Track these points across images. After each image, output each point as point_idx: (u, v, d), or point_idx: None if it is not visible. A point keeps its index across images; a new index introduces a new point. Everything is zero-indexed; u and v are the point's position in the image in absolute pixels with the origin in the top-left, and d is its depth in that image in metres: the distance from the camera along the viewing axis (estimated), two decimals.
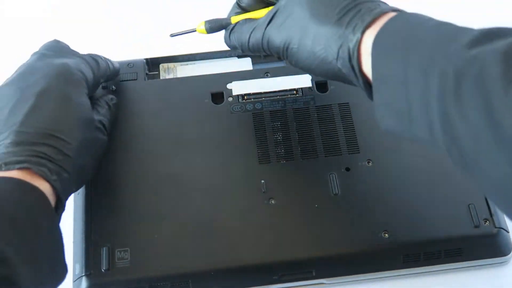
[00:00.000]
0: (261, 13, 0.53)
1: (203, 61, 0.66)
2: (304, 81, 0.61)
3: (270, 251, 0.53)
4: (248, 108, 0.60)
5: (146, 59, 0.64)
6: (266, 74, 0.62)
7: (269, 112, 0.60)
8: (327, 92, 0.61)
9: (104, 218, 0.54)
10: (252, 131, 0.59)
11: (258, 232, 0.54)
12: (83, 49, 0.69)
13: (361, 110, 0.59)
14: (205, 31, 0.57)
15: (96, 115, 0.54)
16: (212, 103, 0.60)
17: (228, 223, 0.54)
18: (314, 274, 0.53)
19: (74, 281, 0.53)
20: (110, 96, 0.58)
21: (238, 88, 0.61)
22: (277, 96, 0.61)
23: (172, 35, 0.59)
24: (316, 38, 0.48)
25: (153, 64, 0.65)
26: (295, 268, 0.53)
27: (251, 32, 0.53)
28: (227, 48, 0.66)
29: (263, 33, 0.51)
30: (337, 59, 0.47)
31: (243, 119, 0.59)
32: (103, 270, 0.52)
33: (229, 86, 0.61)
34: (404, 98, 0.42)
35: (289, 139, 0.58)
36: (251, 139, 0.58)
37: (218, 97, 0.61)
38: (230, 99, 0.60)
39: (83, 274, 0.52)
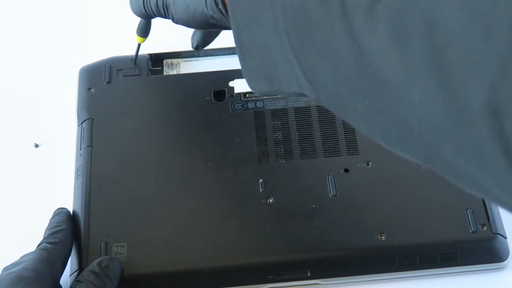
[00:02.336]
0: None
1: (207, 57, 0.66)
2: None
3: (266, 250, 0.53)
4: (249, 106, 0.60)
5: (150, 55, 0.64)
6: None
7: (270, 111, 0.60)
8: None
9: (102, 213, 0.55)
10: (252, 130, 0.59)
11: (254, 231, 0.54)
12: (84, 46, 0.69)
13: None
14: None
15: None
16: (214, 100, 0.60)
17: (225, 221, 0.54)
18: (309, 274, 0.53)
19: (70, 275, 0.53)
20: None
21: (240, 86, 0.61)
22: (279, 95, 0.61)
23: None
24: None
25: (156, 59, 0.65)
26: (291, 268, 0.53)
27: None
28: (232, 45, 0.66)
29: None
30: (206, 5, 0.48)
31: (244, 117, 0.59)
32: None
33: (231, 83, 0.61)
34: (270, 61, 0.42)
35: (289, 138, 0.58)
36: (251, 137, 0.58)
37: (219, 94, 0.61)
38: (232, 97, 0.61)
39: (80, 268, 0.53)
